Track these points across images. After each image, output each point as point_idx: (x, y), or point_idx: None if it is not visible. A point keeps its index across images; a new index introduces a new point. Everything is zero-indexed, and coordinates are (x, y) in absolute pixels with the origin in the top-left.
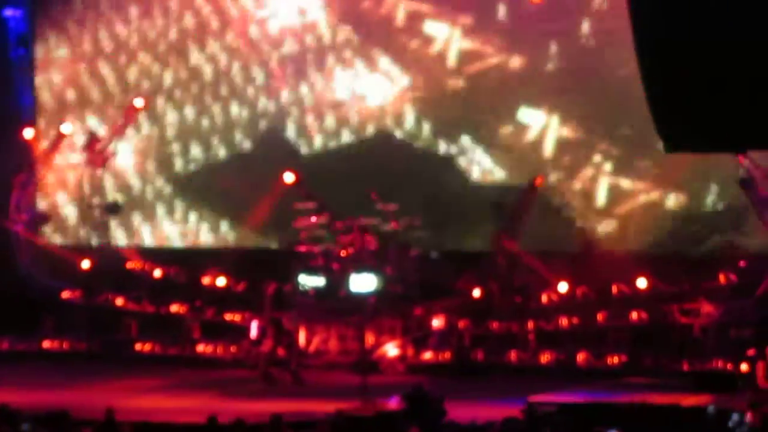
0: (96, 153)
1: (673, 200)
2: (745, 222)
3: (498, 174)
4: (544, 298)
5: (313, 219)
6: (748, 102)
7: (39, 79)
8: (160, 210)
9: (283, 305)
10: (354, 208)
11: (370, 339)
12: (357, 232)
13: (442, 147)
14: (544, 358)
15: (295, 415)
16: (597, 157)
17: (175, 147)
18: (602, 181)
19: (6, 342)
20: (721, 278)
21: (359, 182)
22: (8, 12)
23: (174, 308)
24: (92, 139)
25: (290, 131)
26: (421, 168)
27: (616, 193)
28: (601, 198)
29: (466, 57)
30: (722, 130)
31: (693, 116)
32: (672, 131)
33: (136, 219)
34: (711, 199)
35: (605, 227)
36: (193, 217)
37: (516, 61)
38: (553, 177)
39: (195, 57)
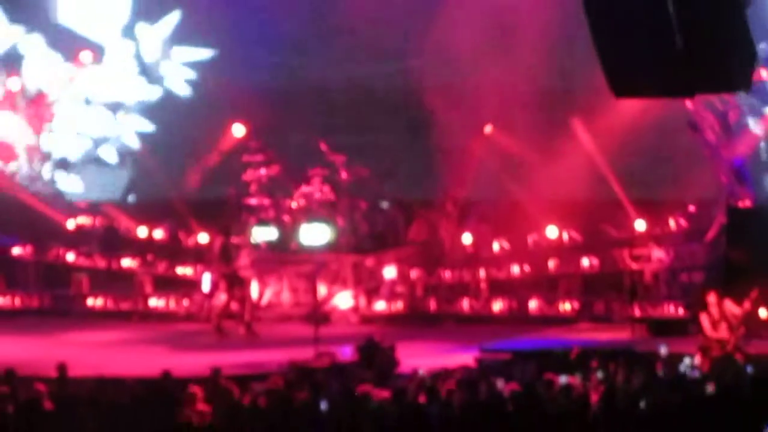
0: (43, 107)
1: None
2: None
3: None
4: (495, 247)
5: (263, 171)
6: (693, 46)
7: None
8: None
9: (231, 258)
10: (303, 158)
11: (322, 290)
12: (309, 183)
13: None
14: (497, 306)
15: (248, 366)
16: None
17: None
18: None
19: None
20: (671, 223)
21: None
22: None
23: (125, 263)
24: (38, 93)
25: None
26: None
27: None
28: None
29: None
30: (669, 75)
31: (640, 61)
32: (620, 77)
33: (87, 172)
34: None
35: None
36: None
37: None
38: None
39: None
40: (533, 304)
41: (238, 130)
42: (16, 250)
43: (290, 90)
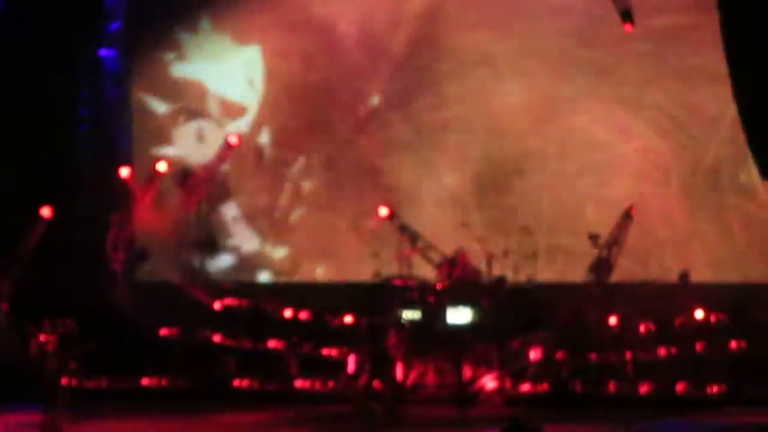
0: (190, 189)
1: None
2: None
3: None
4: (641, 328)
5: (407, 252)
6: None
7: (136, 118)
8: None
9: (378, 339)
10: (445, 239)
11: (467, 372)
12: (454, 264)
13: None
14: (643, 388)
15: None
16: None
17: None
18: None
19: (105, 380)
20: None
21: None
22: (103, 52)
23: (271, 344)
24: (186, 176)
25: None
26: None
27: None
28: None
29: None
30: None
31: None
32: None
33: (229, 255)
34: None
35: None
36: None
37: None
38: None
39: None
40: (680, 387)
41: (383, 210)
42: (164, 332)
43: None
